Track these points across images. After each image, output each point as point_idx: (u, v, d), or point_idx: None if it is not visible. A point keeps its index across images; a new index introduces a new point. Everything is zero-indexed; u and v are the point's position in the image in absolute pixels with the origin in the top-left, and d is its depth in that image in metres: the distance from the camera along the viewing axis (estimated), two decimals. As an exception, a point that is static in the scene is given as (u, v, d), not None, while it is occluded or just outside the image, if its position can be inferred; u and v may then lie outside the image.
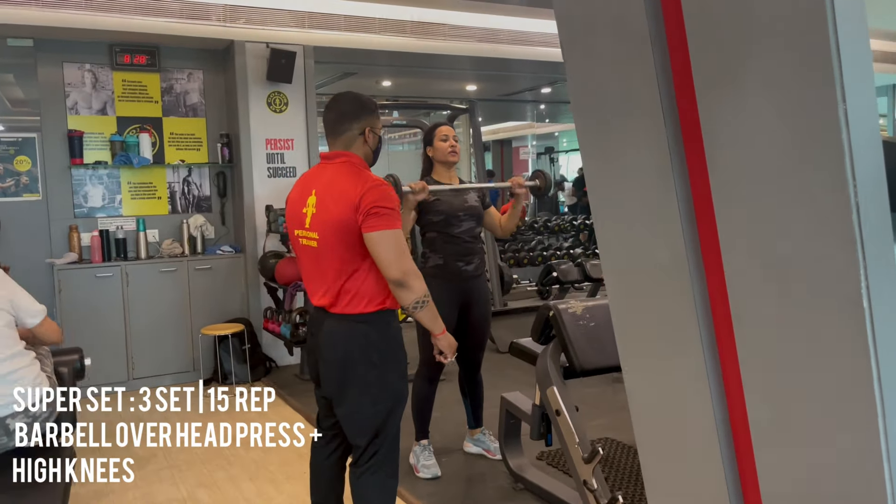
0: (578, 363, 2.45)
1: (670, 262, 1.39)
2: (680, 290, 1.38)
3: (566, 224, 9.74)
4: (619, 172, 1.46)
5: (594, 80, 1.48)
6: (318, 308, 2.40)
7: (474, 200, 3.43)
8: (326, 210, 2.31)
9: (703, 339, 1.35)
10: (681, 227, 1.34)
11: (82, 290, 4.88)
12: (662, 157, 1.34)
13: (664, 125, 1.31)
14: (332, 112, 2.42)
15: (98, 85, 5.14)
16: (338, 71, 6.86)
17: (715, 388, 1.37)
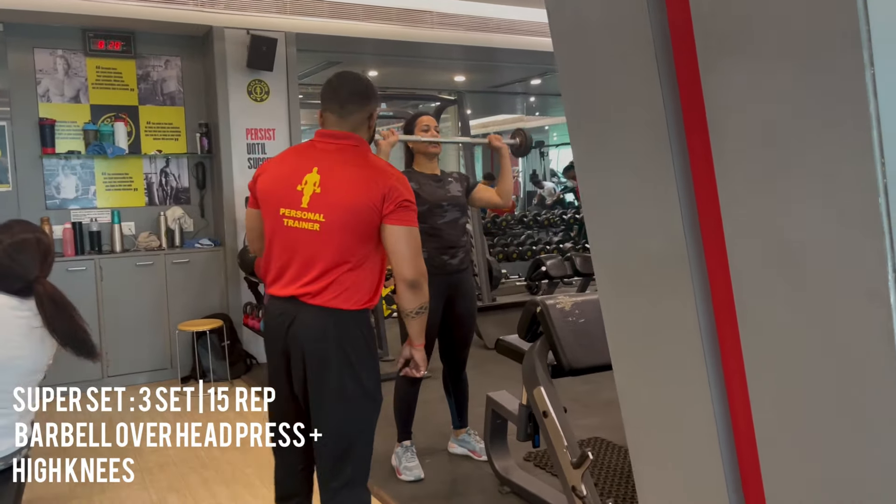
0: (567, 362, 2.31)
1: (668, 253, 1.25)
2: (678, 283, 1.24)
3: (556, 218, 9.63)
4: (611, 154, 1.32)
5: (584, 52, 1.34)
6: (288, 298, 2.13)
7: (457, 191, 3.30)
8: (338, 192, 2.08)
9: (703, 336, 1.21)
10: (680, 214, 1.20)
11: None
12: (659, 134, 1.20)
13: (661, 98, 1.16)
14: (344, 90, 2.19)
15: (71, 72, 4.95)
16: (321, 60, 6.69)
17: (716, 390, 1.24)
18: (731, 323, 1.19)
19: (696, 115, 1.15)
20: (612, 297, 1.41)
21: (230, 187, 5.16)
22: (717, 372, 1.23)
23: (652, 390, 1.37)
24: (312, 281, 2.11)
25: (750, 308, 1.12)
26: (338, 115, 2.17)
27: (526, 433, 2.94)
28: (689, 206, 1.18)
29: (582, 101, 1.34)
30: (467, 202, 3.35)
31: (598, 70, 1.28)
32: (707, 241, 1.20)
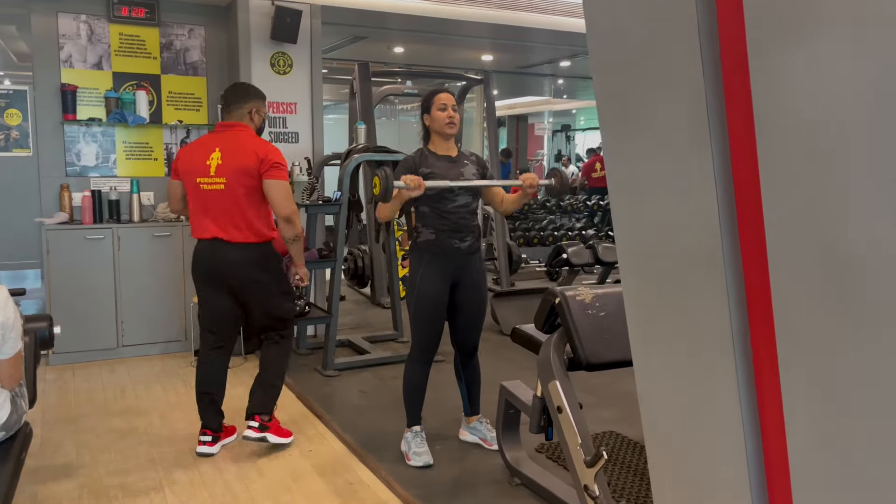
0: (584, 357, 2.22)
1: (701, 249, 1.15)
2: (710, 281, 1.14)
3: (579, 204, 9.47)
4: (644, 141, 1.21)
5: (618, 30, 1.23)
6: (212, 239, 3.24)
7: (472, 174, 3.17)
8: (232, 161, 3.19)
9: (734, 338, 1.11)
10: (716, 207, 1.10)
11: (72, 252, 4.69)
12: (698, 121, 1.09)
13: (702, 81, 1.06)
14: (229, 96, 3.39)
15: (94, 38, 4.90)
16: (347, 34, 6.58)
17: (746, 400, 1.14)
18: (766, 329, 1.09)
19: (739, 102, 1.04)
20: (636, 292, 1.32)
21: (250, 161, 5.10)
22: (748, 376, 1.13)
23: (676, 396, 1.28)
24: (225, 225, 3.21)
25: (791, 314, 1.02)
26: (227, 112, 3.38)
27: (539, 425, 2.86)
28: (726, 198, 1.08)
29: (614, 84, 1.24)
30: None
31: (633, 50, 1.17)
32: (744, 240, 1.10)
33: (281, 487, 2.99)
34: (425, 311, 3.11)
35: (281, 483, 3.04)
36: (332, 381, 4.38)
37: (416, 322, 3.15)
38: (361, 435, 3.49)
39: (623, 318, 2.36)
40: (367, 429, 3.57)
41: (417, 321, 3.15)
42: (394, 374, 4.46)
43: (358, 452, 3.33)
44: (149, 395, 4.18)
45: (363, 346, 4.95)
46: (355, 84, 6.46)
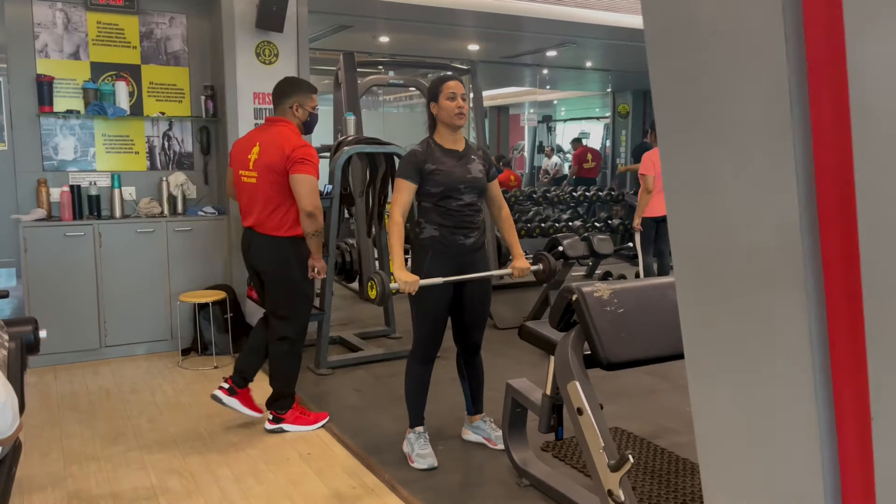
0: (605, 356, 2.13)
1: (777, 247, 1.05)
2: (786, 284, 1.05)
3: (566, 195, 9.41)
4: (710, 126, 1.12)
5: (682, 7, 1.13)
6: (248, 227, 3.51)
7: (478, 172, 3.07)
8: (264, 157, 3.38)
9: (813, 347, 1.03)
10: (797, 202, 1.00)
11: (51, 249, 4.51)
12: (778, 105, 0.99)
13: (785, 59, 0.96)
14: (274, 91, 3.53)
15: (71, 26, 4.70)
16: (331, 23, 6.43)
17: (824, 408, 1.05)
18: (854, 333, 1.00)
19: (829, 84, 0.95)
20: (695, 295, 1.22)
21: (236, 153, 4.94)
22: (826, 381, 1.04)
23: (740, 410, 1.18)
24: (257, 217, 3.43)
25: (887, 321, 0.93)
26: (274, 107, 3.56)
27: (549, 425, 2.78)
28: (807, 193, 0.99)
29: (676, 68, 1.14)
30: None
31: (702, 29, 1.07)
32: (825, 236, 1.00)
33: (281, 494, 2.88)
34: (429, 309, 3.01)
35: (280, 489, 2.92)
36: (326, 379, 4.27)
37: (419, 321, 3.05)
38: (361, 436, 3.38)
39: (642, 314, 2.27)
40: (365, 430, 3.46)
41: (420, 320, 3.05)
42: (389, 372, 4.36)
43: (359, 455, 3.22)
44: (136, 398, 4.03)
45: (355, 342, 4.83)
46: (340, 74, 6.31)
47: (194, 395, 4.06)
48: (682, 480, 2.90)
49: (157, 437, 3.46)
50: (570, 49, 8.29)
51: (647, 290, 2.36)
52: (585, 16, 6.48)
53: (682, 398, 3.87)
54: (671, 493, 2.79)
